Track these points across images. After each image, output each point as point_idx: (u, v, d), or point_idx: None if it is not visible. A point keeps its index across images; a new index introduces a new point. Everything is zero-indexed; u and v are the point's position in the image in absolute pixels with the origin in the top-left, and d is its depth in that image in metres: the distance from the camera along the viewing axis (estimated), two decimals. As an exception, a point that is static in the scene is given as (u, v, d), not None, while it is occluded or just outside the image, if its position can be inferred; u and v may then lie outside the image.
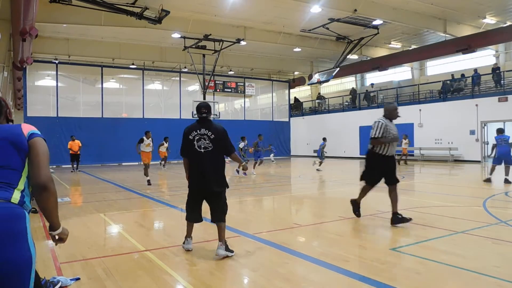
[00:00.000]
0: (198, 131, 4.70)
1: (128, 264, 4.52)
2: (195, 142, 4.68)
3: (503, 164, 11.82)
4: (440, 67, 27.78)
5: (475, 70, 23.12)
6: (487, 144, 21.50)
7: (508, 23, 22.67)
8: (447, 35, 23.37)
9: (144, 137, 13.11)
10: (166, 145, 20.51)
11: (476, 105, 21.18)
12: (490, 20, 22.75)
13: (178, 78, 28.65)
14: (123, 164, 25.09)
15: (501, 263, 4.45)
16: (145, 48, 25.54)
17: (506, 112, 20.11)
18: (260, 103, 34.06)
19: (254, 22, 22.00)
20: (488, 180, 12.00)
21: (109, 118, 25.30)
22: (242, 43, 23.12)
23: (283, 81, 35.23)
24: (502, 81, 21.88)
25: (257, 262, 4.63)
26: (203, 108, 4.76)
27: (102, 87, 25.65)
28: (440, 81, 24.58)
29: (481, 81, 22.78)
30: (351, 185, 12.34)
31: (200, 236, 5.37)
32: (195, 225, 5.09)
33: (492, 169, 12.12)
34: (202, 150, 4.66)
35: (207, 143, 4.65)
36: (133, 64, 27.14)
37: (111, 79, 27.12)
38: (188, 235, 4.97)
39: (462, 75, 23.91)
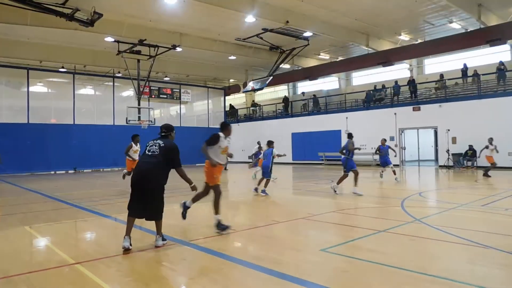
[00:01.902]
0: (154, 141, 5.51)
1: (57, 279, 4.21)
2: (148, 147, 5.45)
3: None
4: (364, 78, 29.50)
5: (396, 82, 24.85)
6: (405, 149, 23.19)
7: (419, 41, 24.72)
8: (369, 49, 24.91)
9: (133, 143, 11.47)
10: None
11: (395, 113, 22.75)
12: (404, 37, 24.66)
13: (111, 83, 27.48)
14: (52, 172, 23.47)
15: (416, 257, 4.82)
16: (76, 51, 24.21)
17: (419, 120, 21.85)
18: (196, 109, 33.71)
19: (190, 29, 21.81)
20: None
21: (36, 123, 23.50)
22: (178, 49, 22.80)
23: (218, 88, 35.23)
24: (416, 92, 23.77)
25: (194, 270, 4.56)
26: (163, 128, 5.67)
27: (28, 91, 23.81)
28: (364, 91, 26.08)
29: (399, 91, 24.54)
30: (283, 190, 12.63)
31: (134, 246, 5.16)
32: (131, 235, 5.00)
33: None
34: (149, 153, 5.36)
35: (155, 149, 5.36)
36: (62, 67, 25.56)
37: (39, 82, 25.24)
38: (127, 233, 5.13)
39: (383, 86, 25.59)
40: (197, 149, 21.03)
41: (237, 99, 38.17)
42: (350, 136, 11.17)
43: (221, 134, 6.64)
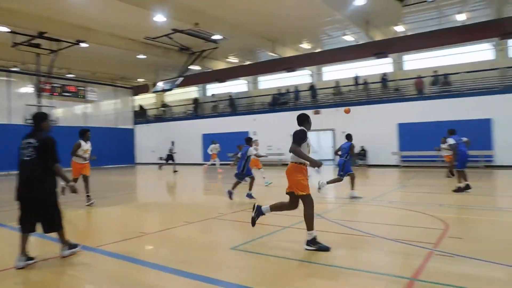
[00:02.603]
0: (26, 140, 4.60)
1: None
2: (22, 151, 4.57)
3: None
4: (271, 82, 30.49)
5: (296, 87, 26.18)
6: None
7: (319, 50, 26.40)
8: (274, 55, 25.88)
9: (81, 141, 8.75)
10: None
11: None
12: (306, 46, 26.14)
13: (6, 78, 24.52)
14: None
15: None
16: (-39, 41, 21.03)
17: (320, 123, 23.20)
18: (103, 109, 31.68)
19: (97, 24, 20.40)
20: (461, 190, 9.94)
21: None
22: (83, 45, 21.20)
23: (127, 87, 33.58)
24: (316, 97, 25.32)
25: (102, 276, 4.32)
26: (32, 119, 4.74)
27: None
28: (270, 95, 26.99)
29: (301, 96, 25.84)
30: (194, 191, 12.53)
31: (34, 254, 4.70)
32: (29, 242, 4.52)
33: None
34: (27, 158, 4.52)
35: (31, 151, 4.51)
36: None
37: None
38: (22, 251, 4.48)
39: (287, 90, 26.78)
40: (104, 150, 19.93)
41: (146, 99, 36.72)
42: (350, 137, 9.99)
43: (304, 128, 5.28)
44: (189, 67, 24.86)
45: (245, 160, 9.86)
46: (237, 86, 32.16)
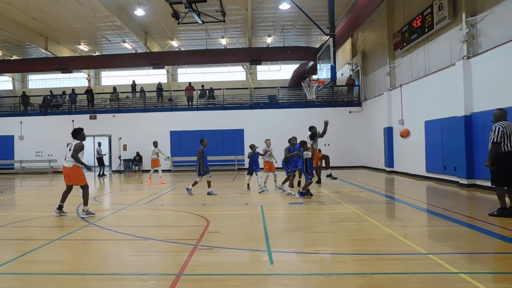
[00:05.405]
0: None
1: None
2: None
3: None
4: (43, 82, 28.64)
5: (73, 89, 25.67)
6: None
7: (97, 53, 26.70)
8: (48, 53, 24.74)
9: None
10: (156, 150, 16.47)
11: (73, 120, 23.65)
12: (84, 47, 26.04)
13: None
14: None
15: (89, 260, 5.07)
16: None
17: (96, 128, 23.62)
18: None
19: None
20: None
21: None
22: None
23: None
24: (93, 102, 25.44)
25: None
26: None
27: None
28: (41, 96, 25.49)
29: (78, 99, 25.34)
30: None
31: None
32: None
33: None
34: None
35: None
36: None
37: None
38: None
39: (63, 92, 25.89)
40: None
41: None
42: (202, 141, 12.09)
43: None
44: None
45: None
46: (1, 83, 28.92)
